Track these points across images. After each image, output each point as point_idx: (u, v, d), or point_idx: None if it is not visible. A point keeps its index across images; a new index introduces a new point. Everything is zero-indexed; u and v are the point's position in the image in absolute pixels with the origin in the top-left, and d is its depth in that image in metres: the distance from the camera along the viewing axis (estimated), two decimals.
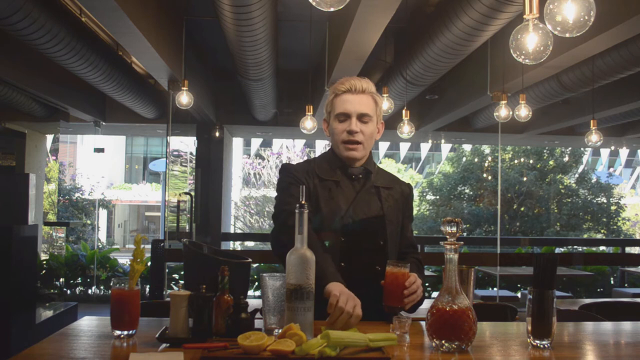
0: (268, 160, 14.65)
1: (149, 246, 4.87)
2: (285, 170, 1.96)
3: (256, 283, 7.48)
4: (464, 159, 14.33)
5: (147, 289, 7.13)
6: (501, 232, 9.62)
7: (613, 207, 13.85)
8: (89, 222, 13.16)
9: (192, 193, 8.03)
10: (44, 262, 7.99)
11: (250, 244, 12.88)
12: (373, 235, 1.88)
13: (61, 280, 8.27)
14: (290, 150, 14.76)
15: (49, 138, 9.37)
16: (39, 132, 8.45)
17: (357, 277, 1.78)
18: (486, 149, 13.84)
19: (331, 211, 1.85)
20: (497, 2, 3.74)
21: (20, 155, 7.47)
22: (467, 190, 14.01)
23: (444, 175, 14.74)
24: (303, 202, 1.53)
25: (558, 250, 9.76)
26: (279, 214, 1.86)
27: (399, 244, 1.97)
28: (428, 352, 1.43)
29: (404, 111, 5.49)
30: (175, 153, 9.21)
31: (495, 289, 7.37)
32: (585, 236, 13.49)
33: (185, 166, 9.38)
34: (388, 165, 17.38)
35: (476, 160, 14.04)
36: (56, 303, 6.46)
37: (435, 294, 7.03)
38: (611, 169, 17.63)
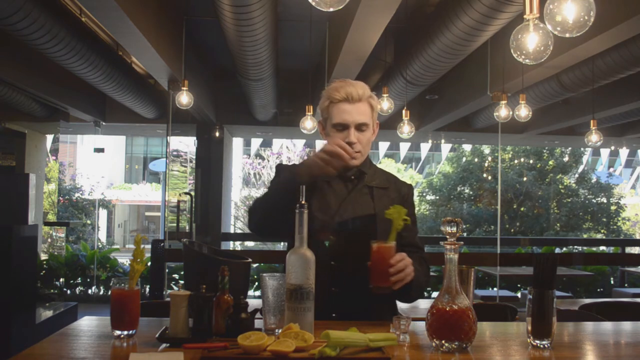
0: (268, 160, 14.64)
1: (149, 246, 4.88)
2: (277, 170, 2.01)
3: (256, 283, 7.48)
4: (464, 159, 14.33)
5: (147, 289, 7.13)
6: (501, 232, 9.62)
7: (613, 207, 13.85)
8: (89, 222, 13.15)
9: (192, 193, 8.03)
10: (44, 262, 7.99)
11: (250, 244, 12.85)
12: (363, 234, 1.85)
13: (61, 280, 8.27)
14: (290, 150, 14.76)
15: (49, 138, 9.37)
16: (39, 132, 8.45)
17: (348, 276, 1.79)
18: (486, 149, 13.84)
19: (320, 210, 1.85)
20: (497, 2, 3.74)
21: (20, 155, 7.47)
22: (467, 191, 14.01)
23: (443, 175, 14.74)
24: (303, 202, 1.53)
25: (558, 250, 9.76)
26: None
27: (398, 243, 1.96)
28: (428, 352, 1.43)
29: (404, 111, 5.49)
30: (175, 153, 9.21)
31: (495, 289, 7.37)
32: (585, 236, 13.48)
33: (185, 166, 9.38)
34: (388, 165, 17.37)
35: (476, 160, 14.04)
36: (56, 303, 6.46)
37: (435, 294, 7.03)
38: (611, 169, 17.63)
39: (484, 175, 13.73)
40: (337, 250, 1.82)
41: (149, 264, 5.04)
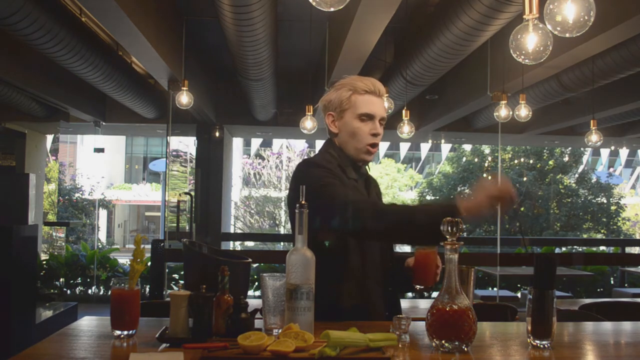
0: (268, 160, 14.65)
1: (149, 246, 4.87)
2: (317, 165, 1.83)
3: (256, 283, 7.48)
4: (464, 159, 14.33)
5: (147, 289, 7.13)
6: (501, 232, 9.60)
7: (613, 207, 13.84)
8: (89, 222, 13.16)
9: (192, 193, 8.03)
10: (44, 262, 7.99)
11: (250, 244, 12.88)
12: None
13: (61, 280, 8.27)
14: (290, 150, 14.77)
15: (49, 138, 9.38)
16: (39, 132, 8.46)
17: (379, 273, 1.85)
18: (486, 149, 13.84)
19: None
20: (497, 2, 3.74)
21: (20, 155, 7.48)
22: (467, 191, 14.00)
23: (444, 175, 14.74)
24: (303, 202, 1.53)
25: (558, 250, 9.75)
26: (352, 206, 1.68)
27: None
28: (428, 352, 1.43)
29: (404, 111, 5.49)
30: (175, 153, 9.22)
31: (495, 289, 7.36)
32: (585, 236, 13.48)
33: (185, 166, 9.39)
34: (388, 165, 17.38)
35: (476, 160, 14.04)
36: (56, 303, 6.46)
37: (435, 294, 7.03)
38: (611, 169, 17.63)
39: (484, 175, 13.72)
40: (368, 249, 1.86)
41: (149, 264, 5.04)
